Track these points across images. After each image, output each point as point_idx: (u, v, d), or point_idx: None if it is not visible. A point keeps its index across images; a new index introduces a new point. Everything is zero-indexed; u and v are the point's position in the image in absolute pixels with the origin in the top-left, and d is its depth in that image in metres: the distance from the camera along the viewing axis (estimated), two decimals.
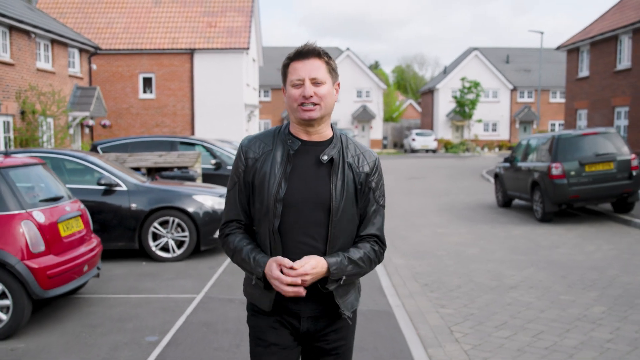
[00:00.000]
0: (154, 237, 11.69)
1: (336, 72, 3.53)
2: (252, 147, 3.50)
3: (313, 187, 3.40)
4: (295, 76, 3.37)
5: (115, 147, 17.82)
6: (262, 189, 3.40)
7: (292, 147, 3.43)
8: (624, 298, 9.20)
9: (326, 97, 3.40)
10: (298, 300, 3.39)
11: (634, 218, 16.43)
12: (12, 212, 7.34)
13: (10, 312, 7.27)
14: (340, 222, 3.40)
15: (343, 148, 3.51)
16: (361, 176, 3.49)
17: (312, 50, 3.41)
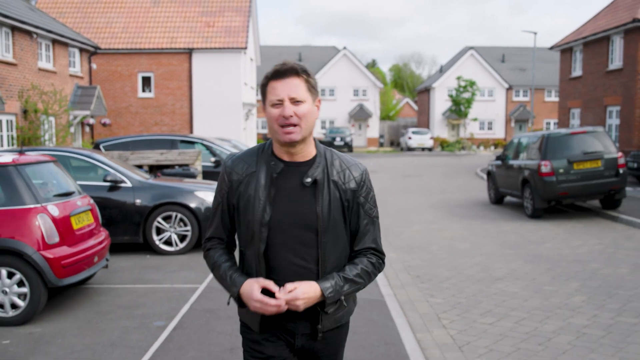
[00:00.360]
0: (158, 232, 12.21)
1: (316, 89, 3.44)
2: (236, 169, 3.45)
3: (299, 209, 3.36)
4: (274, 96, 3.32)
5: (117, 145, 18.29)
6: (246, 213, 3.38)
7: (274, 169, 3.38)
8: (603, 288, 9.72)
9: (306, 116, 3.34)
10: (292, 318, 3.38)
11: (621, 214, 16.93)
12: (28, 206, 7.87)
13: (28, 299, 7.81)
14: (329, 242, 3.37)
15: (327, 166, 3.45)
16: (347, 193, 3.45)
17: (290, 68, 3.35)
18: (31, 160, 8.46)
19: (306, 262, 3.34)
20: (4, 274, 7.77)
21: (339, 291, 3.33)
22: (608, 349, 7.03)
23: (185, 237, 12.29)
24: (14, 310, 7.84)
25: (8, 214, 7.78)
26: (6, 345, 7.15)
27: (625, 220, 16.44)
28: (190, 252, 12.37)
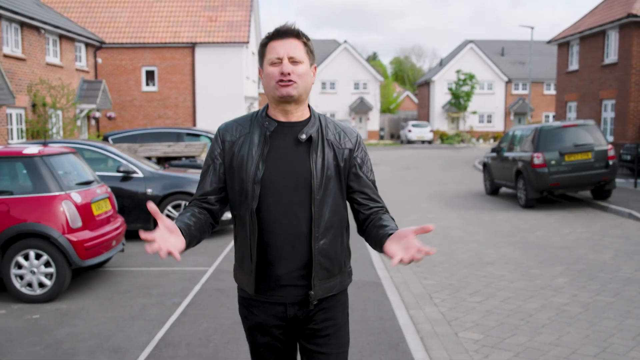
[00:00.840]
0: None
1: (313, 54, 3.48)
2: (229, 131, 3.47)
3: (292, 166, 3.36)
4: (274, 54, 3.34)
5: (125, 138, 18.94)
6: (240, 172, 3.37)
7: (268, 128, 3.38)
8: (585, 272, 10.40)
9: (304, 76, 3.36)
10: (279, 288, 3.38)
11: (611, 204, 17.60)
12: (53, 193, 8.58)
13: (54, 278, 8.53)
14: (323, 200, 3.35)
15: (322, 127, 3.47)
16: (344, 152, 3.46)
17: (290, 30, 3.38)
18: (54, 151, 9.16)
19: (297, 221, 3.32)
20: (32, 255, 8.49)
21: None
22: (583, 324, 7.71)
23: None
24: (41, 289, 8.57)
25: (35, 201, 8.49)
26: (36, 319, 7.86)
27: (614, 210, 17.10)
28: None
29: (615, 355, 6.66)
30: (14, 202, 8.49)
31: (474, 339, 7.27)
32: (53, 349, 6.84)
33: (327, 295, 3.43)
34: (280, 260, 3.32)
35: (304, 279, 3.36)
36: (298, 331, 3.51)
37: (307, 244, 3.33)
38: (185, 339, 7.06)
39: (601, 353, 6.72)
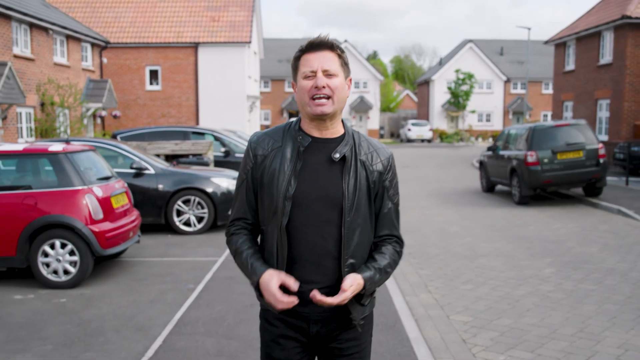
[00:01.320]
0: (178, 214, 13.64)
1: (348, 66, 3.41)
2: (261, 144, 3.38)
3: (324, 185, 3.27)
4: (308, 67, 3.27)
5: (134, 136, 19.60)
6: (271, 187, 3.28)
7: (302, 143, 3.30)
8: (572, 263, 11.08)
9: (339, 90, 3.28)
10: (306, 303, 3.27)
11: (601, 201, 18.28)
12: (77, 187, 9.28)
13: (78, 266, 9.24)
14: (353, 222, 3.28)
15: (355, 145, 3.39)
16: (374, 174, 3.39)
17: (324, 42, 3.31)
18: (77, 149, 9.86)
19: (324, 241, 3.26)
20: (57, 244, 9.20)
21: (374, 282, 3.30)
22: (565, 308, 8.40)
23: (202, 218, 13.72)
24: (66, 275, 9.28)
25: (60, 194, 9.19)
26: (64, 302, 8.57)
27: (604, 207, 17.78)
28: (207, 232, 13.82)
29: (590, 334, 7.36)
30: (41, 195, 9.19)
31: (463, 320, 7.96)
32: (83, 327, 7.55)
33: (363, 316, 3.40)
34: (306, 277, 3.26)
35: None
36: (318, 349, 3.47)
37: (335, 263, 3.28)
38: (201, 319, 7.79)
39: (578, 333, 7.42)
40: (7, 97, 20.10)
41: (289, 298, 3.13)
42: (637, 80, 29.13)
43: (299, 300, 3.21)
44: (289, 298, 3.13)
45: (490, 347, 7.08)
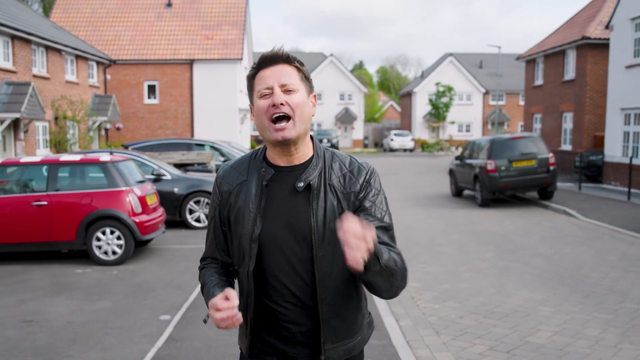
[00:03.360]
0: (190, 212, 16.40)
1: (310, 81, 3.02)
2: (226, 178, 3.10)
3: (292, 220, 2.93)
4: (263, 85, 2.88)
5: (143, 147, 22.35)
6: (237, 227, 3.00)
7: (265, 176, 2.97)
8: (510, 249, 13.88)
9: (300, 107, 2.88)
10: (290, 342, 3.00)
11: (551, 203, 21.17)
12: (122, 188, 12.10)
13: (123, 248, 12.08)
14: (326, 257, 2.90)
15: (325, 168, 3.01)
16: (350, 197, 2.98)
17: (279, 55, 2.93)
18: (119, 158, 12.70)
19: (304, 283, 2.92)
20: (108, 231, 12.02)
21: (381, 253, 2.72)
22: (492, 278, 11.21)
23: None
24: (114, 255, 12.11)
25: (110, 194, 12.03)
26: (116, 274, 11.39)
27: (553, 208, 20.68)
28: None
29: (505, 293, 10.17)
30: (95, 194, 12.03)
31: (415, 286, 10.76)
32: (137, 287, 10.38)
33: (346, 357, 3.07)
34: (287, 323, 2.95)
35: (316, 337, 2.98)
36: None
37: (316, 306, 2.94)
38: None
39: (496, 292, 10.24)
40: (30, 113, 22.81)
41: (226, 304, 2.69)
42: (597, 95, 31.54)
43: (289, 342, 2.98)
44: (226, 304, 2.69)
45: (430, 300, 9.89)
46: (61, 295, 10.03)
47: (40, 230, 11.93)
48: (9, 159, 12.51)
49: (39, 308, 9.27)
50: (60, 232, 11.96)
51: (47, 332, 8.15)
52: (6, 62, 23.38)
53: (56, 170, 12.14)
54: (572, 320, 8.58)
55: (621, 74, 26.43)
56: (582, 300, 9.63)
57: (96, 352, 7.36)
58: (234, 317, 2.69)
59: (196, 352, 7.31)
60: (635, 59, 25.29)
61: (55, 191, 12.02)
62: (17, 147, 23.86)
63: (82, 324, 8.49)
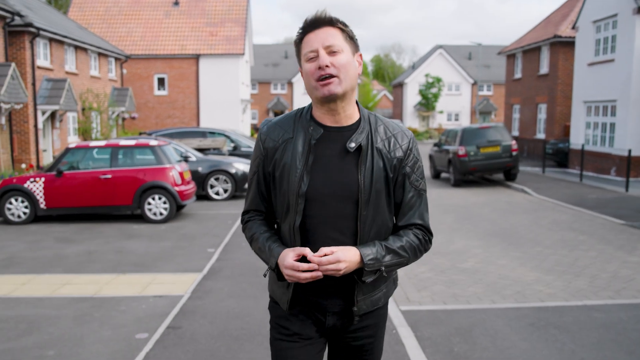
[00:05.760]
0: (211, 187, 20.15)
1: (355, 41, 3.05)
2: (271, 135, 3.10)
3: (339, 179, 2.97)
4: (309, 48, 2.94)
5: (163, 135, 25.93)
6: (282, 183, 3.05)
7: (313, 135, 2.99)
8: (467, 217, 17.53)
9: (346, 67, 2.92)
10: (323, 294, 3.09)
11: (514, 184, 24.87)
12: (167, 165, 15.87)
13: (168, 210, 15.90)
14: (369, 215, 2.99)
15: (372, 132, 3.06)
16: (393, 162, 3.05)
17: (322, 18, 2.97)
18: (163, 143, 16.42)
19: (343, 236, 2.99)
20: (157, 197, 15.78)
21: (379, 260, 2.96)
22: (446, 234, 14.92)
23: (227, 190, 20.27)
24: (161, 216, 15.93)
25: (158, 169, 15.81)
26: (164, 228, 15.19)
27: (514, 187, 24.41)
28: (230, 200, 20.42)
29: (451, 241, 13.91)
30: (147, 170, 15.81)
31: None
32: (184, 235, 14.21)
33: (373, 309, 3.21)
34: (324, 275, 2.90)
35: (347, 289, 3.08)
36: (332, 341, 3.32)
37: None
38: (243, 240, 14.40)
39: (445, 242, 13.97)
40: (66, 105, 26.53)
41: (308, 265, 2.83)
42: (567, 89, 34.72)
43: (320, 293, 3.10)
44: (308, 265, 2.83)
45: None
46: (132, 239, 13.90)
47: (106, 196, 15.75)
48: (80, 143, 16.25)
49: (122, 245, 13.19)
50: (121, 198, 15.76)
51: (135, 256, 12.10)
52: (45, 61, 27.07)
53: (117, 152, 15.93)
54: (492, 255, 12.33)
55: (584, 71, 29.71)
56: (505, 246, 13.35)
57: (173, 266, 11.26)
58: (316, 273, 2.83)
59: (240, 266, 11.09)
60: (595, 57, 28.60)
61: (117, 167, 15.81)
62: (54, 134, 27.58)
63: (157, 253, 12.42)
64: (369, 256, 2.92)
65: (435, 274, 10.93)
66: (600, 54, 28.37)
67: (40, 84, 25.98)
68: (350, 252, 2.88)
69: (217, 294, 9.31)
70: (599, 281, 10.25)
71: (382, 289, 3.23)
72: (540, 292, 9.57)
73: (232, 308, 8.55)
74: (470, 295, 9.47)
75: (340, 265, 2.83)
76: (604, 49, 28.02)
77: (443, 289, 9.79)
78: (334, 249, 2.86)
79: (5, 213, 15.83)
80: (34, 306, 8.78)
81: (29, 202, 15.76)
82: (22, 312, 8.47)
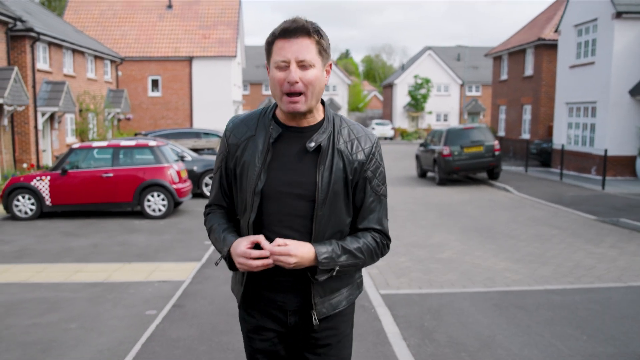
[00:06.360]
0: (206, 185, 21.11)
1: (328, 52, 3.03)
2: (235, 132, 3.19)
3: (296, 178, 3.04)
4: (280, 57, 2.92)
5: (159, 136, 26.83)
6: (242, 180, 3.12)
7: (272, 134, 3.06)
8: (449, 214, 18.51)
9: (313, 84, 2.93)
10: (277, 290, 3.15)
11: (497, 182, 25.89)
12: (165, 165, 16.84)
13: (166, 207, 16.84)
14: (325, 215, 3.03)
15: (334, 132, 3.09)
16: (354, 164, 3.09)
17: (301, 27, 2.92)
18: (162, 143, 17.40)
19: (300, 235, 3.03)
20: (156, 195, 16.74)
21: (334, 259, 2.99)
22: (427, 229, 15.91)
23: None
24: (159, 212, 16.87)
25: (157, 168, 16.77)
26: (163, 224, 16.15)
27: (496, 186, 25.43)
28: None
29: (432, 236, 14.91)
30: (147, 169, 16.77)
31: None
32: (182, 230, 15.16)
33: (333, 312, 3.22)
34: (279, 271, 3.04)
35: (303, 287, 3.12)
36: (297, 339, 3.30)
37: None
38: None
39: (425, 236, 14.97)
40: (65, 107, 27.46)
41: (259, 252, 2.89)
42: (551, 90, 35.58)
43: (276, 289, 3.14)
44: (259, 252, 2.89)
45: None
46: (134, 233, 14.87)
47: (108, 194, 16.74)
48: (84, 144, 17.23)
49: (124, 239, 14.17)
50: (122, 195, 16.75)
51: (138, 248, 13.09)
52: (45, 64, 28.00)
53: (118, 152, 16.91)
54: (469, 248, 13.34)
55: (566, 73, 30.76)
56: (482, 239, 14.36)
57: (174, 256, 12.25)
58: (267, 261, 2.90)
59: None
60: (577, 60, 29.63)
61: (118, 167, 16.79)
62: (53, 135, 28.52)
63: (158, 245, 13.41)
64: (323, 255, 2.97)
65: (414, 263, 11.93)
66: (581, 57, 29.37)
67: (40, 87, 26.90)
68: (304, 248, 2.93)
69: (215, 280, 10.31)
70: (562, 269, 11.29)
71: (343, 292, 3.25)
72: (507, 279, 10.61)
73: (229, 291, 9.49)
74: (444, 282, 10.50)
75: (291, 259, 2.88)
76: (585, 52, 29.00)
77: (420, 276, 10.80)
78: (289, 242, 2.92)
79: (13, 209, 16.79)
80: (52, 290, 9.77)
81: (36, 199, 16.75)
82: (42, 295, 9.46)
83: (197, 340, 7.45)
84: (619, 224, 16.08)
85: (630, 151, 26.22)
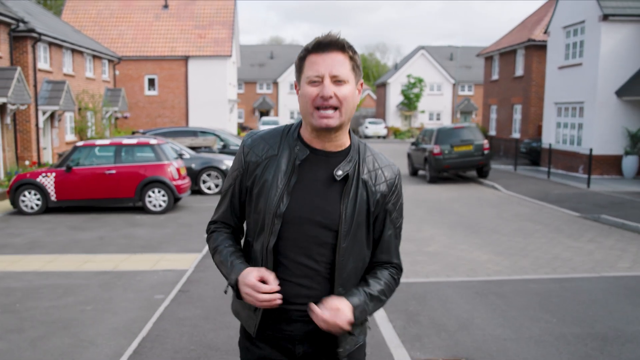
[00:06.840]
0: (203, 182, 21.82)
1: (360, 69, 2.92)
2: (255, 149, 2.98)
3: (320, 205, 2.88)
4: (313, 72, 2.79)
5: (157, 134, 27.49)
6: (259, 201, 2.92)
7: (299, 155, 2.89)
8: (437, 210, 19.26)
9: (347, 100, 2.81)
10: (292, 322, 2.95)
11: (486, 180, 26.61)
12: (165, 162, 17.56)
13: (166, 202, 17.56)
14: (348, 248, 2.90)
15: (360, 161, 2.96)
16: (377, 196, 2.97)
17: (334, 41, 2.82)
18: (162, 141, 18.12)
19: (316, 264, 2.90)
20: (156, 191, 17.46)
21: (365, 310, 2.91)
22: (416, 224, 16.64)
23: (218, 185, 21.91)
24: (160, 207, 17.61)
25: (158, 166, 17.49)
26: (163, 218, 16.85)
27: (485, 184, 26.15)
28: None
29: (419, 230, 15.64)
30: (148, 166, 17.50)
31: None
32: (182, 224, 15.87)
33: (354, 347, 3.10)
34: (292, 299, 2.90)
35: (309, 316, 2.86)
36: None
37: (326, 284, 2.93)
38: None
39: (414, 230, 15.70)
40: (65, 106, 28.15)
41: (270, 287, 2.75)
42: (541, 90, 36.10)
43: (285, 319, 2.95)
44: (270, 287, 2.75)
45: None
46: (136, 227, 15.61)
47: (111, 190, 17.48)
48: (87, 142, 17.97)
49: (128, 232, 14.91)
50: (124, 191, 17.49)
51: (142, 240, 13.83)
52: (45, 64, 28.67)
53: (120, 149, 17.65)
54: (454, 242, 14.09)
55: (555, 74, 31.52)
56: (467, 234, 15.10)
57: (176, 247, 13.03)
58: (275, 301, 2.75)
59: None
60: (565, 61, 30.38)
61: (120, 164, 17.52)
62: (53, 133, 29.22)
63: (160, 238, 14.15)
64: (357, 309, 2.85)
65: (402, 255, 12.60)
66: (569, 58, 30.11)
67: (41, 86, 27.57)
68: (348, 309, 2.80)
69: (216, 270, 10.94)
70: (541, 261, 12.07)
71: (360, 327, 3.13)
72: (489, 269, 11.37)
73: None
74: (429, 272, 11.26)
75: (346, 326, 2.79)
76: (573, 53, 29.74)
77: (407, 267, 11.52)
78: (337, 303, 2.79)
79: (20, 205, 17.50)
80: (65, 277, 10.53)
81: (41, 194, 17.49)
82: (56, 282, 10.22)
83: (202, 319, 8.24)
84: (600, 220, 16.84)
85: (616, 150, 26.97)
